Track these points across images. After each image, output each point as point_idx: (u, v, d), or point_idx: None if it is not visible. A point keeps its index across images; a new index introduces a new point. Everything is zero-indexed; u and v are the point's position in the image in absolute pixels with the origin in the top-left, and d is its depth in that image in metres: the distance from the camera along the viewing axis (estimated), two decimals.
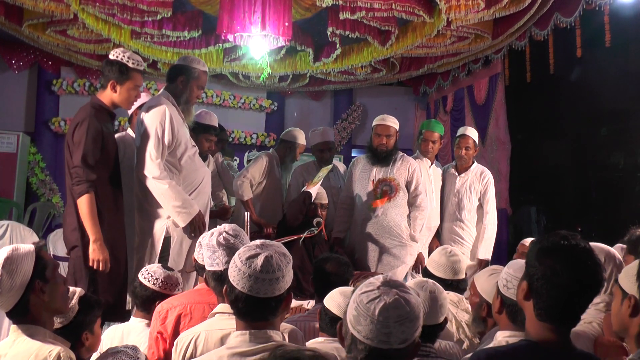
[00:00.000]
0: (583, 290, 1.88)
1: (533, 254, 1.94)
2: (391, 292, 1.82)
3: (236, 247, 2.63)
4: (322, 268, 3.38)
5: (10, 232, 5.34)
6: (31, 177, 9.50)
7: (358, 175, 5.40)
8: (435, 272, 3.66)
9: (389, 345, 1.78)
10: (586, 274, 1.86)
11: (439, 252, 3.77)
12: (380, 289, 1.84)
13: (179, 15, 7.43)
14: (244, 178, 5.58)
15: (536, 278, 1.91)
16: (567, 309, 1.90)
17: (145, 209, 4.25)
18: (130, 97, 4.11)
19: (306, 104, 11.16)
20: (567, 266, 1.86)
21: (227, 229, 2.77)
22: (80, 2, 6.59)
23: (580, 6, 6.14)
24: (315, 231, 4.92)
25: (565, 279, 1.85)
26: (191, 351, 2.41)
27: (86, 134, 3.84)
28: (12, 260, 2.33)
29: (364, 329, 1.79)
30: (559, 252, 1.88)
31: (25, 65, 9.49)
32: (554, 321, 1.90)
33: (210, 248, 2.74)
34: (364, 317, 1.80)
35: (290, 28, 6.12)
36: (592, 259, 1.88)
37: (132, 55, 4.09)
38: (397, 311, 1.79)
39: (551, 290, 1.88)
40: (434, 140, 5.72)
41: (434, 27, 6.88)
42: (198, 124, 5.14)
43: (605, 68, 8.05)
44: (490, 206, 5.74)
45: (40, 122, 9.69)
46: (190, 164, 4.34)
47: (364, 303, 1.81)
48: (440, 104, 10.28)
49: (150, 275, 3.35)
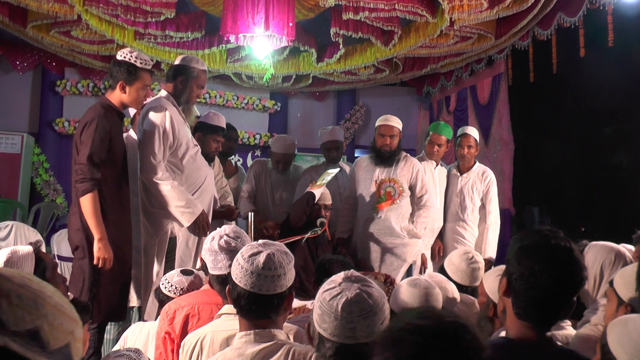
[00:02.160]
0: (562, 291, 1.83)
1: (513, 252, 1.91)
2: (352, 287, 1.85)
3: (238, 249, 2.64)
4: (324, 269, 3.39)
5: (15, 233, 5.34)
6: (35, 178, 9.52)
7: (361, 176, 5.40)
8: (452, 276, 3.59)
9: (355, 340, 1.80)
10: (565, 275, 1.82)
11: (460, 255, 3.69)
12: (342, 285, 1.87)
13: (182, 16, 7.44)
14: (240, 198, 5.74)
15: (515, 277, 1.88)
16: (545, 309, 1.86)
17: (149, 210, 4.27)
18: (139, 97, 4.10)
19: (309, 105, 11.17)
20: (545, 267, 1.81)
21: (227, 232, 2.77)
22: (84, 3, 6.60)
23: (584, 6, 6.14)
24: (319, 232, 4.92)
25: (544, 280, 1.81)
26: (197, 352, 2.42)
27: (94, 133, 3.83)
28: (11, 263, 2.32)
29: (329, 326, 1.82)
30: (538, 252, 1.84)
31: (29, 66, 9.51)
32: (532, 320, 1.87)
33: (212, 252, 2.74)
34: (328, 314, 1.82)
35: (294, 28, 6.12)
36: (572, 259, 1.83)
37: (140, 55, 4.08)
38: (360, 305, 1.81)
39: (529, 290, 1.84)
40: (440, 144, 5.69)
41: (437, 27, 6.87)
42: (206, 125, 5.15)
43: (609, 68, 8.04)
44: (493, 206, 5.72)
45: (44, 123, 9.71)
46: (192, 163, 4.35)
47: (327, 300, 1.84)
48: (443, 104, 10.27)
49: (172, 286, 3.26)
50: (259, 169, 5.86)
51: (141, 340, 3.21)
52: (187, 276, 3.31)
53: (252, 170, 5.87)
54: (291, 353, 2.05)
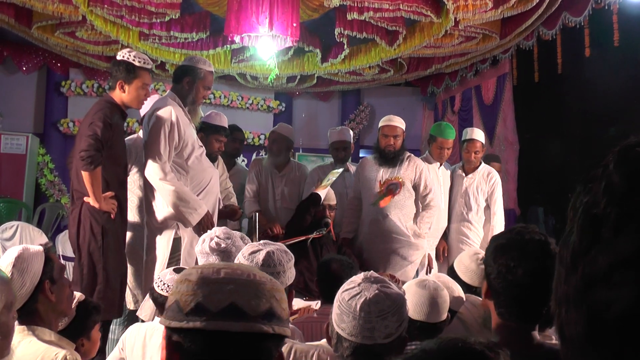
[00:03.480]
0: (539, 285, 1.76)
1: (489, 252, 1.88)
2: (372, 288, 1.84)
3: (229, 249, 2.65)
4: (326, 269, 3.38)
5: (20, 233, 5.37)
6: (40, 178, 9.55)
7: (365, 176, 5.39)
8: (462, 276, 3.59)
9: (373, 341, 1.79)
10: (540, 268, 1.75)
11: (470, 256, 3.67)
12: (361, 285, 1.86)
13: (186, 16, 7.45)
14: (245, 198, 5.72)
15: (492, 277, 1.84)
16: (526, 305, 1.81)
17: (153, 210, 4.27)
18: (139, 96, 4.11)
19: (314, 105, 11.17)
20: (520, 262, 1.77)
21: (217, 233, 2.78)
22: (89, 4, 6.61)
23: (590, 5, 6.12)
24: (324, 232, 4.92)
25: (520, 275, 1.77)
26: None
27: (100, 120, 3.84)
28: (22, 259, 2.34)
29: (347, 326, 1.81)
30: (513, 248, 1.80)
31: (34, 66, 9.54)
32: (515, 319, 1.83)
33: (204, 255, 2.75)
34: (347, 314, 1.82)
35: (298, 29, 6.12)
36: (547, 251, 1.78)
37: (139, 54, 4.10)
38: (379, 306, 1.80)
39: (507, 288, 1.81)
40: (448, 147, 5.69)
41: (442, 27, 6.87)
42: (208, 124, 5.16)
43: (614, 68, 8.02)
44: (498, 207, 5.72)
45: (49, 124, 9.74)
46: (198, 164, 4.36)
47: (346, 300, 1.84)
48: (448, 104, 10.26)
49: (165, 284, 3.25)
50: (259, 168, 5.86)
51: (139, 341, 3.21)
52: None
53: (253, 169, 5.86)
54: (293, 351, 2.05)
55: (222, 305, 1.18)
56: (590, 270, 0.63)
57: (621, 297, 0.59)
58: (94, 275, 3.88)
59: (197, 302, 1.18)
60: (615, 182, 0.64)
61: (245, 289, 1.21)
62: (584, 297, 0.63)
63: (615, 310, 0.60)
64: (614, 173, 0.64)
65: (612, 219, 0.62)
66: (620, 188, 0.63)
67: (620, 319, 0.59)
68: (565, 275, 0.66)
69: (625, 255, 0.59)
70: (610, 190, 0.63)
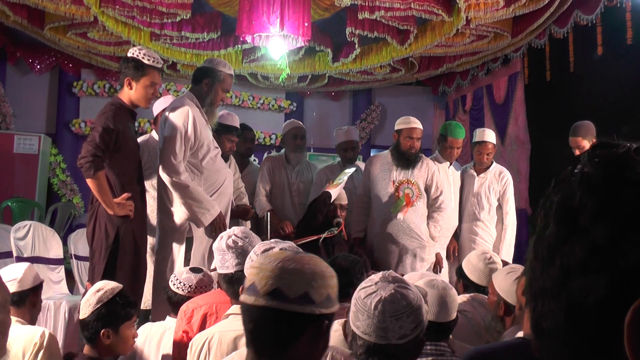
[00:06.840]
0: None
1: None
2: (388, 287, 1.83)
3: (245, 249, 2.66)
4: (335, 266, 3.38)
5: (33, 232, 5.40)
6: (52, 178, 9.61)
7: (377, 175, 5.34)
8: (470, 276, 3.60)
9: (386, 341, 1.78)
10: None
11: (478, 256, 3.67)
12: (378, 284, 1.86)
13: (198, 17, 7.48)
14: (255, 197, 5.66)
15: None
16: None
17: (167, 209, 4.27)
18: (147, 95, 4.05)
19: (325, 105, 11.17)
20: None
21: (236, 232, 2.79)
22: (100, 5, 6.65)
23: (602, 3, 6.08)
24: (335, 231, 4.91)
25: None
26: (205, 353, 2.41)
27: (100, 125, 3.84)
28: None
29: (362, 324, 1.81)
30: None
31: (46, 67, 9.59)
32: None
33: (220, 251, 2.76)
34: (362, 312, 1.81)
35: (309, 28, 6.13)
36: None
37: (149, 52, 4.06)
38: (393, 305, 1.79)
39: None
40: (458, 147, 5.67)
41: (453, 26, 6.86)
42: (219, 124, 5.17)
43: (627, 66, 7.97)
44: (510, 206, 5.69)
45: (61, 124, 9.81)
46: (212, 165, 4.35)
47: (362, 298, 1.83)
48: (459, 104, 10.23)
49: (181, 282, 3.24)
50: (271, 165, 5.82)
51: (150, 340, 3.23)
52: (196, 274, 3.29)
53: (265, 166, 5.79)
54: None
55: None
56: (568, 260, 0.64)
57: (598, 284, 0.60)
58: (107, 275, 3.89)
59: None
60: (591, 174, 0.65)
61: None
62: (562, 287, 0.64)
63: (592, 298, 0.61)
64: (588, 167, 0.66)
65: (588, 209, 0.63)
66: (595, 179, 0.65)
67: (599, 306, 0.61)
68: (541, 269, 0.68)
69: (601, 243, 0.61)
70: (586, 183, 0.65)
